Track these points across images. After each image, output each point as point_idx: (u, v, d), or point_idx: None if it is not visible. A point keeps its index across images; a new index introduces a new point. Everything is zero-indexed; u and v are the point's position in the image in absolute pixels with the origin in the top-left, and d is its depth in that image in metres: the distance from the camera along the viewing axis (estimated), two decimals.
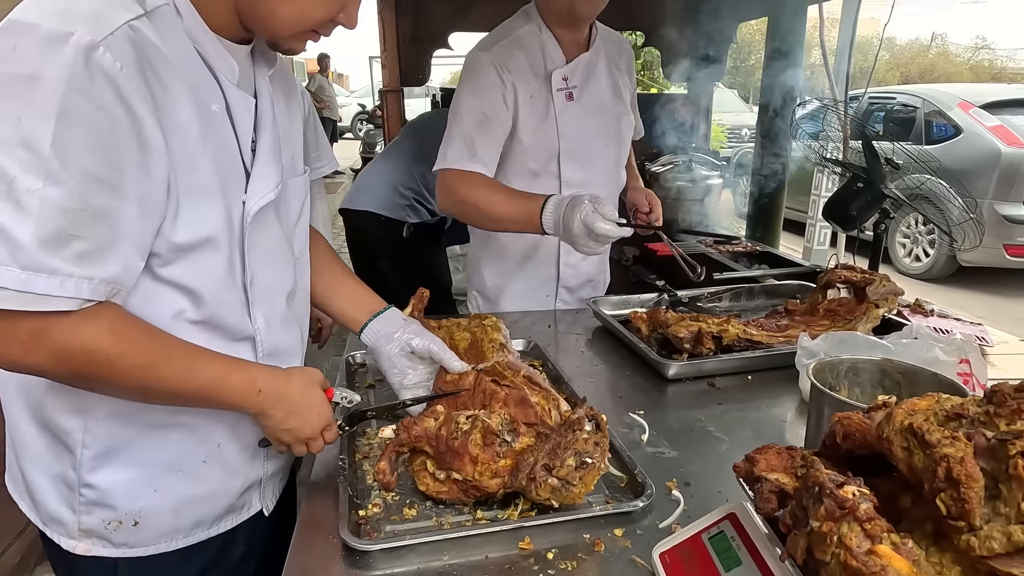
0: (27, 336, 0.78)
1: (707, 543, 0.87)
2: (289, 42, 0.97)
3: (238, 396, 0.98)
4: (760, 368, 1.56)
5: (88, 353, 0.83)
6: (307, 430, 1.05)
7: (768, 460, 0.77)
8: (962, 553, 0.57)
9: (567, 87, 1.84)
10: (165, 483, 1.04)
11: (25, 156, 0.72)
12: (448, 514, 1.04)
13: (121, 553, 1.05)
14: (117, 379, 0.87)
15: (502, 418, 1.11)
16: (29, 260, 0.74)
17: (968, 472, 0.56)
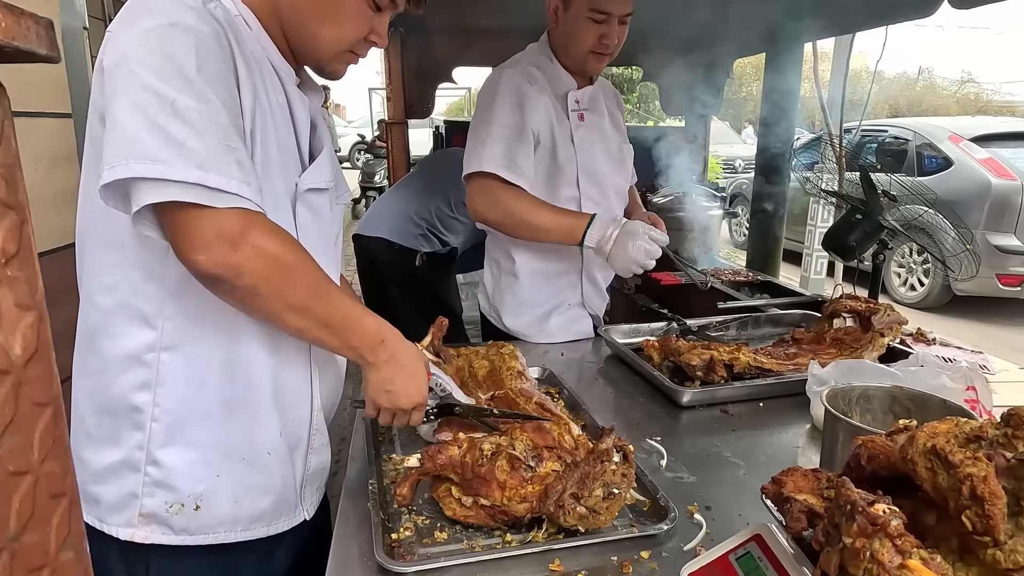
0: (233, 232, 0.89)
1: (735, 563, 0.90)
2: (332, 64, 1.11)
3: (366, 338, 1.06)
4: (771, 395, 1.60)
5: (276, 256, 0.93)
6: (404, 399, 1.12)
7: (795, 482, 0.81)
8: (988, 567, 0.61)
9: (580, 108, 1.98)
10: (228, 468, 1.07)
11: (180, 83, 0.87)
12: (478, 537, 1.07)
13: (181, 540, 1.06)
14: (288, 291, 0.95)
15: (525, 444, 1.15)
16: (201, 161, 0.86)
17: (991, 490, 0.60)
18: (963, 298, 6.18)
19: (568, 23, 1.85)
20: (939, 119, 7.83)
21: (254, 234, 0.91)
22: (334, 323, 1.03)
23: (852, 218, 2.59)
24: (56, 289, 2.46)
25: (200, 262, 0.89)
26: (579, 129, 1.97)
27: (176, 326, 1.02)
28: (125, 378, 1.02)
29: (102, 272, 1.03)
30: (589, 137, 1.99)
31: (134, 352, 1.02)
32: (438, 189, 3.15)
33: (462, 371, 1.53)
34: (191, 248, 0.89)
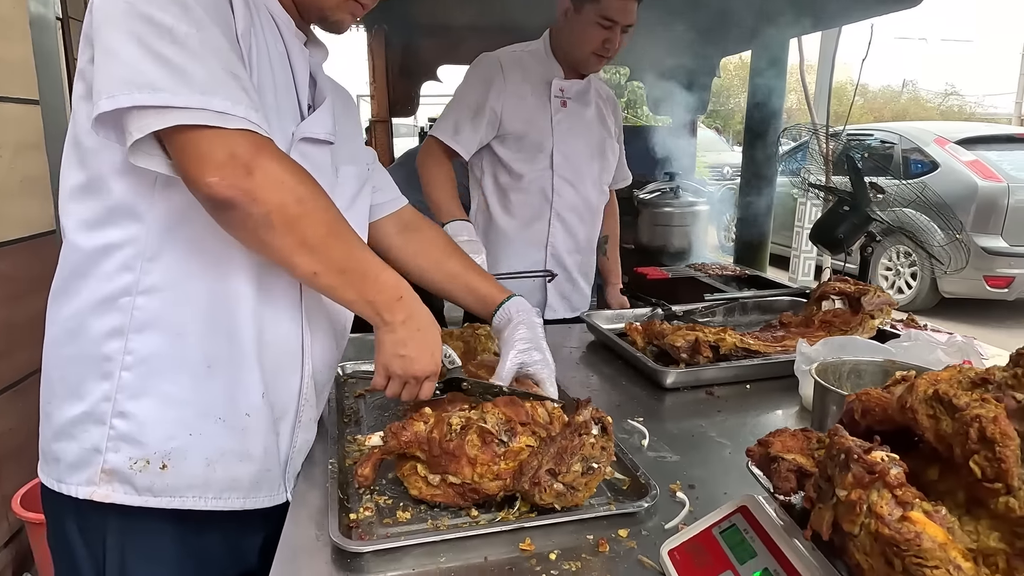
0: (245, 155, 0.84)
1: (718, 537, 0.83)
2: (336, 13, 1.07)
3: (383, 292, 0.99)
4: (758, 377, 1.54)
5: (292, 186, 0.88)
6: (418, 367, 1.04)
7: (783, 442, 0.74)
8: (1000, 517, 0.54)
9: (563, 96, 2.08)
10: (202, 427, 0.99)
11: (177, 10, 0.83)
12: (444, 517, 0.99)
13: (143, 501, 0.97)
14: (302, 225, 0.89)
15: (497, 418, 1.07)
16: (204, 87, 0.83)
17: (1003, 430, 0.53)
18: (951, 300, 6.16)
19: (576, 24, 1.96)
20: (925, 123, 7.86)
21: (267, 159, 0.87)
22: (351, 269, 0.96)
23: (840, 210, 2.54)
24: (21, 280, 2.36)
25: (213, 184, 0.84)
26: (558, 113, 2.08)
27: (156, 269, 0.95)
28: (98, 323, 0.95)
29: (86, 209, 0.96)
30: (568, 122, 2.10)
31: (109, 295, 0.95)
32: (414, 182, 3.09)
33: None
34: (203, 170, 0.83)
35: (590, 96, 2.16)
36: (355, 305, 0.99)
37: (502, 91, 2.01)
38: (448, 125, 2.04)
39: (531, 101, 2.05)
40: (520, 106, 2.03)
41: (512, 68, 2.04)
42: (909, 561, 0.54)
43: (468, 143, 2.03)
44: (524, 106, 2.03)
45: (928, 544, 0.54)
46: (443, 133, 2.04)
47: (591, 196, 2.19)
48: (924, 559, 0.54)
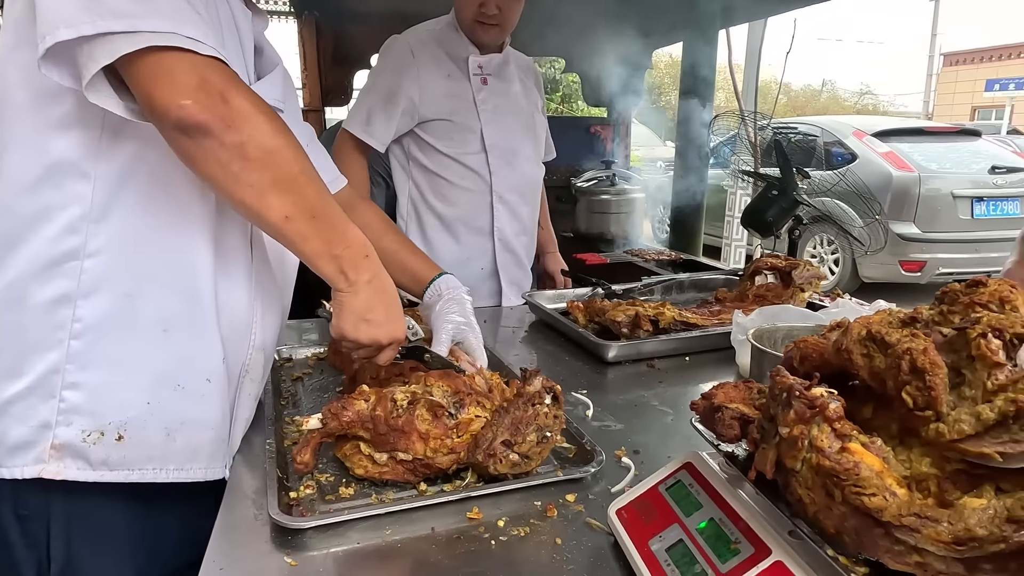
0: (219, 84, 0.80)
1: (664, 494, 0.84)
2: None
3: (351, 247, 0.93)
4: (697, 350, 1.57)
5: (265, 120, 0.83)
6: (383, 331, 0.99)
7: (726, 393, 0.76)
8: (931, 444, 0.57)
9: (482, 72, 1.99)
10: (160, 395, 0.93)
11: None
12: (389, 491, 0.97)
13: (99, 476, 0.91)
14: (277, 160, 0.85)
15: (443, 390, 1.06)
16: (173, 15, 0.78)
17: (932, 359, 0.56)
18: (870, 284, 6.49)
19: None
20: (844, 117, 8.25)
21: (238, 90, 0.82)
22: (321, 215, 0.90)
23: (768, 195, 2.63)
24: None
25: (187, 107, 0.78)
26: (481, 92, 1.99)
27: (104, 231, 0.89)
28: (41, 291, 0.88)
29: (19, 170, 0.88)
30: (493, 100, 2.01)
31: (53, 260, 0.88)
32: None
33: None
34: (175, 93, 0.77)
35: (511, 70, 2.07)
36: (319, 259, 0.92)
37: (416, 77, 1.91)
38: (360, 116, 1.94)
39: (449, 83, 1.95)
40: (438, 90, 1.93)
41: (422, 51, 1.93)
42: (848, 490, 0.55)
43: (382, 135, 1.93)
44: (442, 89, 1.94)
45: (866, 473, 0.56)
46: (354, 125, 1.94)
47: (530, 173, 2.12)
48: (862, 487, 0.55)
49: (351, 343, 1.00)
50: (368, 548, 0.84)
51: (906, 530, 0.54)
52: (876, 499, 0.55)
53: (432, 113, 1.94)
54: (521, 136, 2.08)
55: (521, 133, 2.08)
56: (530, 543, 0.86)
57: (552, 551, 0.84)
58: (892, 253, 5.97)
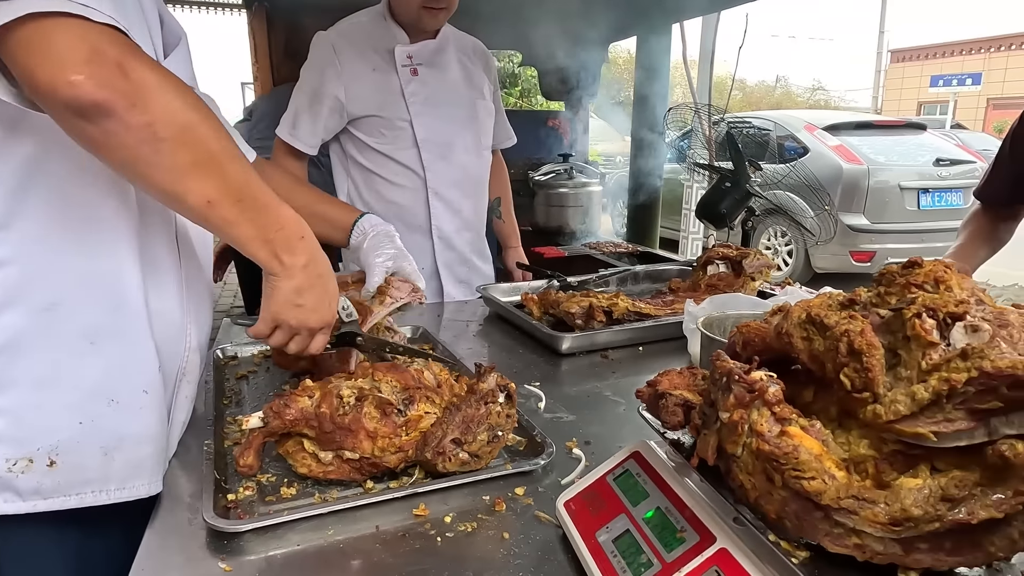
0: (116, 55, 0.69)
1: (612, 484, 0.83)
2: None
3: (285, 228, 0.87)
4: (650, 340, 1.57)
5: (175, 92, 0.74)
6: (315, 318, 0.93)
7: (671, 379, 0.75)
8: (868, 426, 0.56)
9: (412, 63, 1.90)
10: (94, 414, 0.86)
11: None
12: (333, 490, 0.94)
13: (31, 507, 0.84)
14: (194, 137, 0.76)
15: (391, 386, 1.03)
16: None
17: (868, 341, 0.55)
18: (823, 275, 6.65)
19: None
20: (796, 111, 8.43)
21: (139, 61, 0.71)
22: (248, 197, 0.82)
23: (722, 187, 2.66)
24: None
25: (79, 84, 0.67)
26: (410, 84, 1.90)
27: (11, 239, 0.80)
28: None
29: None
30: (424, 91, 1.92)
31: None
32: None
33: None
34: (63, 68, 0.66)
35: (448, 56, 1.97)
36: (251, 244, 0.85)
37: (339, 74, 1.83)
38: (288, 120, 1.89)
39: (375, 77, 1.87)
40: (363, 85, 1.85)
41: (346, 46, 1.85)
42: (788, 474, 0.55)
43: (308, 137, 1.88)
44: (368, 84, 1.86)
45: (805, 456, 0.55)
46: (282, 129, 1.89)
47: (469, 166, 2.02)
48: (802, 471, 0.55)
49: (281, 333, 0.94)
50: (308, 550, 0.81)
51: (844, 512, 0.54)
52: (815, 482, 0.54)
53: (360, 110, 1.88)
54: (460, 127, 1.99)
55: (460, 124, 1.99)
56: (477, 538, 0.84)
57: (500, 546, 0.82)
58: (843, 244, 6.12)
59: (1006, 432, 0.52)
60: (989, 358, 0.49)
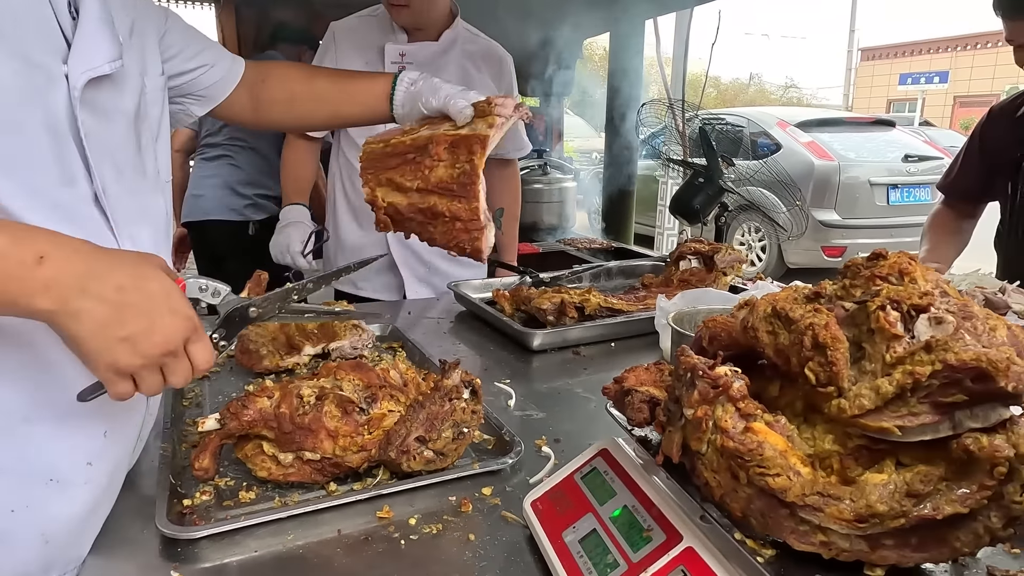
0: None
1: (580, 482, 0.81)
2: None
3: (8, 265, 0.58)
4: (622, 336, 1.56)
5: None
6: (160, 337, 0.65)
7: (637, 376, 0.74)
8: (833, 421, 0.55)
9: (401, 61, 1.86)
10: (31, 497, 0.74)
11: None
12: (295, 493, 0.91)
13: None
14: None
15: (353, 384, 1.00)
16: None
17: (833, 334, 0.54)
18: (795, 270, 6.72)
19: None
20: (768, 108, 8.51)
21: None
22: None
23: (695, 182, 2.67)
24: None
25: None
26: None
27: None
28: None
29: None
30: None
31: None
32: (250, 145, 2.92)
33: (287, 326, 1.35)
34: None
35: (448, 58, 1.91)
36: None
37: (335, 63, 1.83)
38: None
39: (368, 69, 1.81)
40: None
41: (345, 38, 1.85)
42: (753, 471, 0.54)
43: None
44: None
45: (770, 453, 0.54)
46: None
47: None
48: (766, 468, 0.54)
49: (124, 383, 0.67)
50: (266, 556, 0.78)
51: (810, 509, 0.53)
52: (780, 479, 0.53)
53: None
54: None
55: None
56: (442, 540, 0.82)
57: (465, 548, 0.80)
58: (815, 239, 6.19)
59: (971, 426, 0.51)
60: (953, 350, 0.49)
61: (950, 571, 0.57)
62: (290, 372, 1.29)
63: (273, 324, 1.34)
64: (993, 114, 1.75)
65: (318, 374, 1.01)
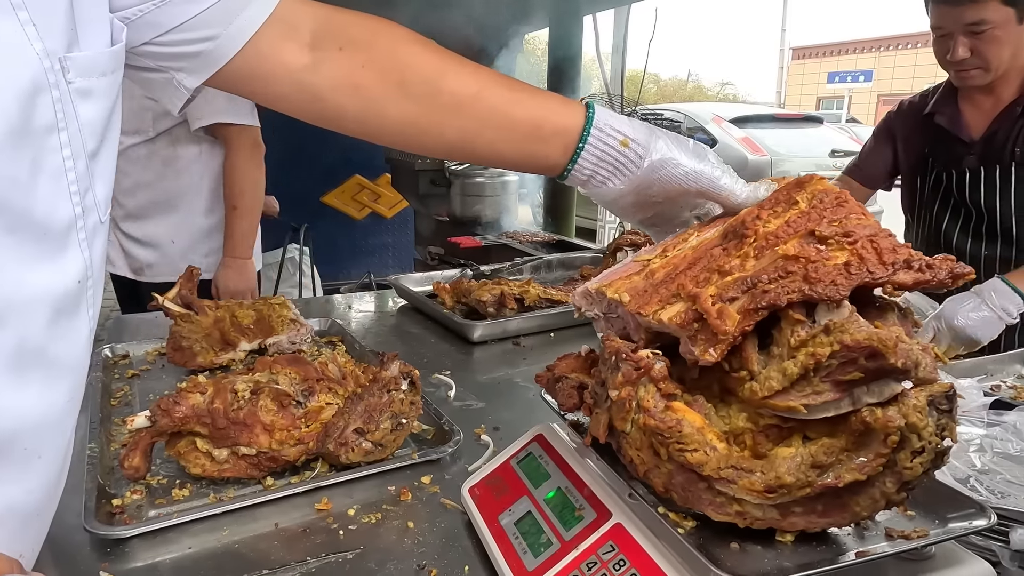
0: None
1: (516, 467, 0.83)
2: None
3: None
4: (561, 326, 1.60)
5: None
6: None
7: (568, 363, 0.76)
8: (746, 401, 0.59)
9: None
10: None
11: None
12: (230, 489, 0.90)
13: None
14: None
15: (290, 378, 1.00)
16: None
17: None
18: None
19: None
20: (704, 104, 8.76)
21: None
22: None
23: None
24: None
25: None
26: None
27: None
28: None
29: None
30: None
31: None
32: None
33: (222, 322, 1.33)
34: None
35: None
36: None
37: None
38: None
39: None
40: None
41: None
42: (672, 448, 0.57)
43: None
44: None
45: (688, 430, 0.57)
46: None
47: None
48: (685, 444, 0.57)
49: None
50: (201, 553, 0.77)
51: (725, 482, 0.56)
52: (697, 454, 0.57)
53: None
54: None
55: None
56: (381, 529, 0.82)
57: (404, 535, 0.81)
58: None
59: (868, 401, 0.55)
60: (848, 332, 0.53)
61: (853, 534, 0.61)
62: (225, 369, 1.27)
63: (208, 319, 1.31)
64: (903, 109, 1.85)
65: (253, 369, 1.00)
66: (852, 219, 0.60)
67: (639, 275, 0.70)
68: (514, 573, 0.69)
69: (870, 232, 0.58)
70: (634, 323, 0.71)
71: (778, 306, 0.55)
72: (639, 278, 0.69)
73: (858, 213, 0.61)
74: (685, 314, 0.60)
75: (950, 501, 0.64)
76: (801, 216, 0.62)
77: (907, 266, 0.55)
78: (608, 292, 0.69)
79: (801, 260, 0.57)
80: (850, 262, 0.56)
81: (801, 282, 0.56)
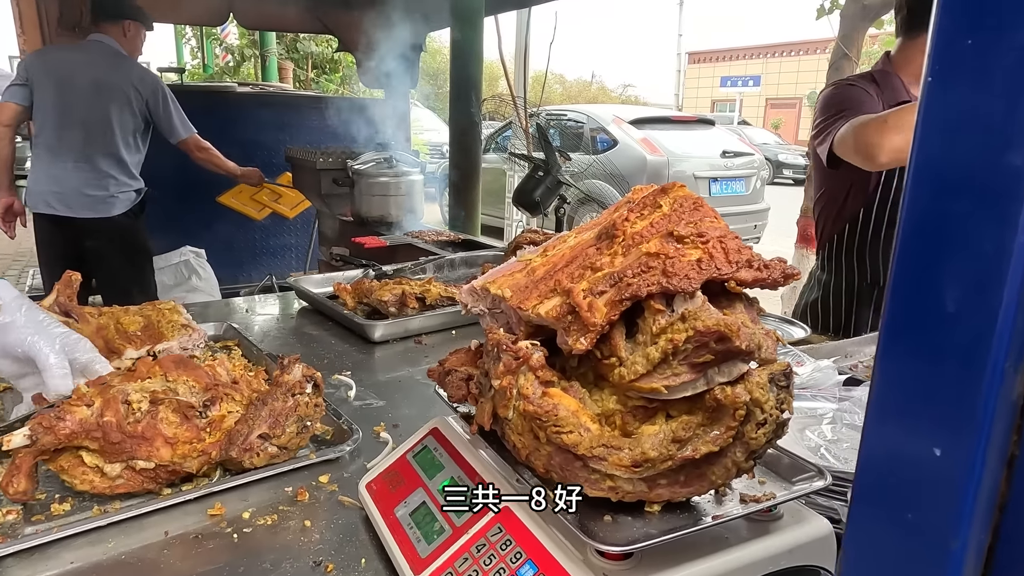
0: None
1: (412, 461, 0.86)
2: None
3: None
4: (463, 323, 1.63)
5: None
6: None
7: (458, 357, 0.79)
8: (616, 385, 0.64)
9: None
10: None
11: None
12: (115, 500, 0.87)
13: None
14: None
15: (188, 386, 0.97)
16: None
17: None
18: None
19: None
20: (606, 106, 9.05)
21: None
22: None
23: (535, 175, 2.81)
24: None
25: None
26: None
27: None
28: None
29: None
30: None
31: None
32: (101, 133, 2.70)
33: (105, 329, 1.27)
34: None
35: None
36: None
37: None
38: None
39: None
40: None
41: None
42: (550, 430, 0.61)
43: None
44: None
45: (564, 413, 0.62)
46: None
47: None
48: (561, 426, 0.61)
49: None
50: (84, 567, 0.75)
51: (597, 460, 0.61)
52: (572, 435, 0.61)
53: None
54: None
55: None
56: (277, 530, 0.83)
57: (301, 534, 0.82)
58: None
59: (719, 380, 0.62)
60: (700, 319, 0.59)
61: (713, 501, 0.68)
62: None
63: (90, 326, 1.25)
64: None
65: (136, 373, 0.97)
66: (706, 221, 0.67)
67: (521, 272, 0.74)
68: (408, 561, 0.72)
69: (720, 233, 0.65)
70: (516, 317, 0.75)
71: (640, 297, 0.61)
72: (521, 275, 0.73)
73: (711, 216, 0.67)
74: (560, 307, 0.65)
75: (795, 468, 0.72)
76: (663, 218, 0.68)
77: (748, 265, 0.62)
78: (492, 289, 0.73)
79: (661, 256, 0.63)
80: (702, 259, 0.62)
81: (660, 276, 0.61)
